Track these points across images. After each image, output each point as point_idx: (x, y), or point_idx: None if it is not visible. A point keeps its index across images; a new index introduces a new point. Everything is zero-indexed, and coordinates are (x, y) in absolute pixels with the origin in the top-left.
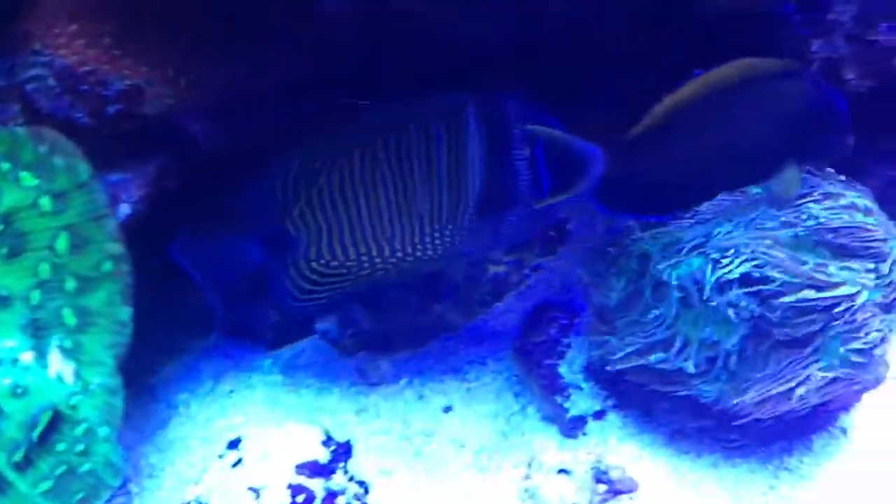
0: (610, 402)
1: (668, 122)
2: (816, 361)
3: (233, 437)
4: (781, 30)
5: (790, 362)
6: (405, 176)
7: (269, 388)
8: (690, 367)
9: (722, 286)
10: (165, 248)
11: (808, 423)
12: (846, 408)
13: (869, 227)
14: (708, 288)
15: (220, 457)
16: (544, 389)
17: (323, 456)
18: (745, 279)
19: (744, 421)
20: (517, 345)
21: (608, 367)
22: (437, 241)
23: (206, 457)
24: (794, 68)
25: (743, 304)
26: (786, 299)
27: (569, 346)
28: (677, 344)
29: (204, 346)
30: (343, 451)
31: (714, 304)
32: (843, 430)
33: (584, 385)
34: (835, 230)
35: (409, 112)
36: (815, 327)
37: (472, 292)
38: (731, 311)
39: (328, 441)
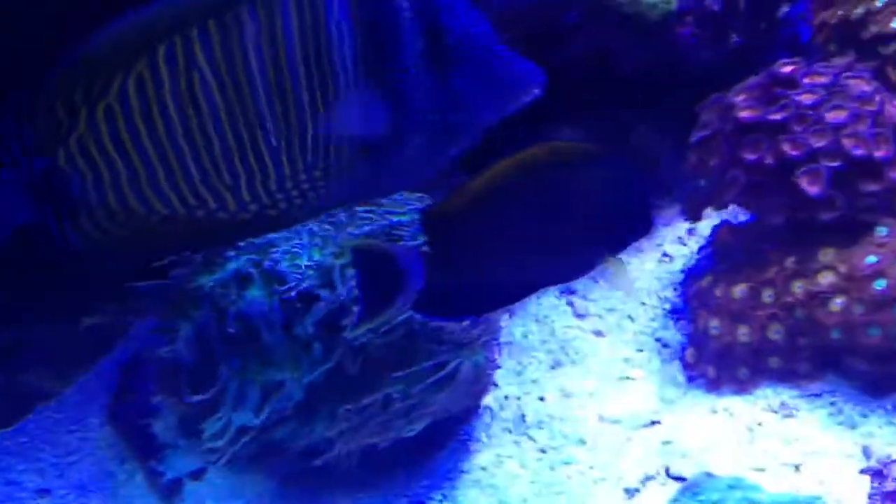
0: (211, 458)
1: (479, 219)
2: (399, 388)
3: None
4: None
5: (372, 392)
6: (238, 77)
7: None
8: (253, 417)
9: (290, 319)
10: None
11: (428, 442)
12: (467, 419)
13: None
14: (271, 323)
15: None
16: (140, 453)
17: None
18: (311, 307)
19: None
20: (112, 405)
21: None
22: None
23: None
24: (596, 153)
25: (313, 338)
26: (356, 330)
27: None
28: (241, 391)
29: None
30: None
31: (280, 339)
32: (464, 442)
33: (182, 442)
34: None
35: None
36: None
37: (67, 350)
38: (297, 347)
39: None
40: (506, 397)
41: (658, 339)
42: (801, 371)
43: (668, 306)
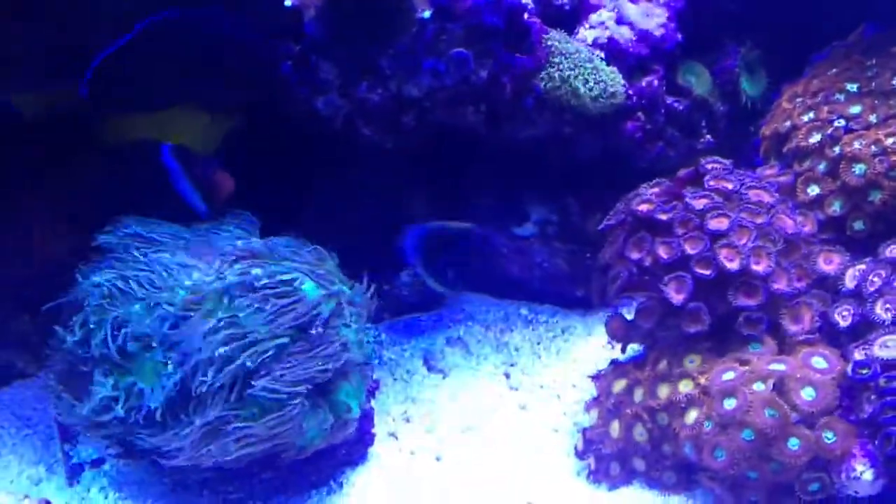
0: (112, 451)
1: None
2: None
3: None
4: (285, 89)
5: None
6: None
7: None
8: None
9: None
10: None
11: (306, 478)
12: (350, 463)
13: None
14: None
15: None
16: (62, 437)
17: None
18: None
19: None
20: None
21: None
22: None
23: None
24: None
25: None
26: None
27: None
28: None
29: None
30: None
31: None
32: (341, 485)
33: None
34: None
35: None
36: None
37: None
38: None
39: None
40: (400, 450)
41: (575, 423)
42: (665, 480)
43: (595, 392)
